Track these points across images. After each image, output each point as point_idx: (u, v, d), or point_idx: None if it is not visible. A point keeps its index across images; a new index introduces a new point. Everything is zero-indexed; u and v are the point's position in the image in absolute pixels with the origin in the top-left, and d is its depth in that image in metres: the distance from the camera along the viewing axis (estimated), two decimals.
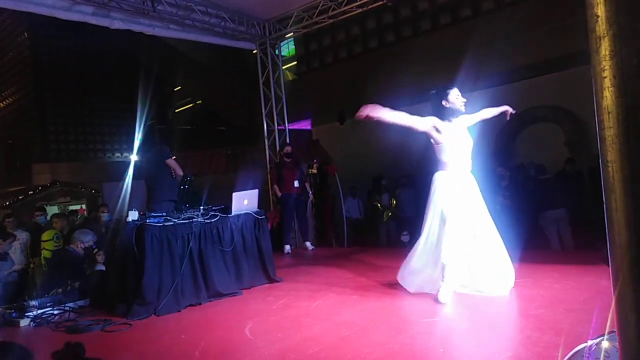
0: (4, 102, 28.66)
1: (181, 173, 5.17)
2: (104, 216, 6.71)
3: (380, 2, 6.96)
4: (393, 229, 8.47)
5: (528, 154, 8.82)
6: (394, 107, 3.66)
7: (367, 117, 3.52)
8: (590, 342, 1.37)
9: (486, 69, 10.03)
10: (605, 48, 0.84)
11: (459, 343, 2.78)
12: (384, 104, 3.71)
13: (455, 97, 3.67)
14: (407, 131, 3.73)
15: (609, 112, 0.85)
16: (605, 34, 0.82)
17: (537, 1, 9.28)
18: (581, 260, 4.43)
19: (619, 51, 0.84)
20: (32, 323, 4.04)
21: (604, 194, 0.90)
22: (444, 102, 3.67)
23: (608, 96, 0.85)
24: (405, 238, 7.23)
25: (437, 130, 3.65)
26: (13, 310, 4.17)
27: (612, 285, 0.88)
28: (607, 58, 0.84)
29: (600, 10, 0.82)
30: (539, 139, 9.21)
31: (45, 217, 7.30)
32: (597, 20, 0.83)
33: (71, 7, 6.07)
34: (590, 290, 3.43)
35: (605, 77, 0.85)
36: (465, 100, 3.67)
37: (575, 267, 4.24)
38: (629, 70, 0.83)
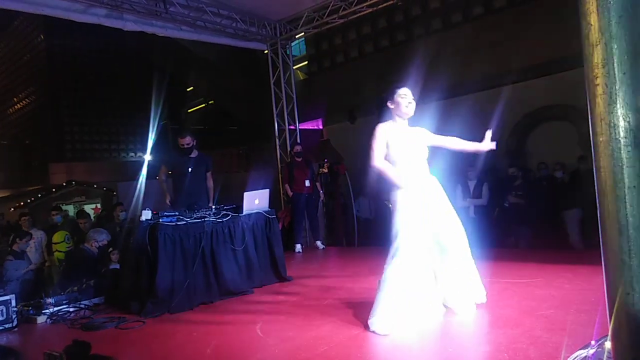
0: (21, 104, 29.15)
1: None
2: (121, 215, 6.80)
3: (391, 1, 6.95)
4: None
5: (540, 153, 8.73)
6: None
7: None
8: (593, 343, 1.37)
9: (498, 68, 9.94)
10: (597, 56, 0.84)
11: (467, 343, 2.78)
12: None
13: (401, 97, 3.28)
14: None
15: (601, 119, 0.85)
16: (598, 42, 0.83)
17: None
18: (594, 260, 4.38)
19: (610, 59, 0.84)
20: (48, 320, 4.15)
21: (597, 199, 0.91)
22: (389, 103, 3.32)
23: (600, 103, 0.85)
24: None
25: (388, 145, 3.28)
26: (30, 308, 4.28)
27: (605, 288, 0.88)
28: (600, 66, 0.85)
29: (593, 19, 0.82)
30: (551, 138, 9.10)
31: (62, 217, 7.44)
32: (590, 29, 0.83)
33: (86, 10, 6.18)
34: (602, 291, 3.38)
35: (598, 85, 0.85)
36: (411, 102, 3.28)
37: (587, 267, 4.20)
38: (620, 79, 0.83)
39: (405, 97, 3.28)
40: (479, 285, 3.32)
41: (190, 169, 5.16)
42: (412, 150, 3.30)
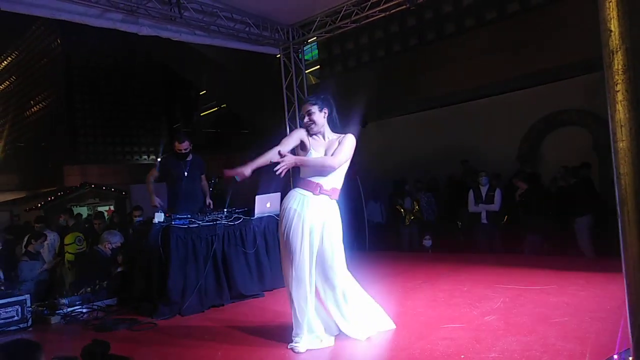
0: (38, 106, 29.64)
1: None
2: (137, 220, 6.82)
3: (404, 6, 6.93)
4: (415, 233, 8.42)
5: (554, 158, 8.65)
6: (414, 112, 3.37)
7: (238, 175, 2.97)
8: (615, 358, 1.33)
9: (512, 72, 9.88)
10: (618, 62, 0.83)
11: (480, 350, 2.75)
12: (404, 108, 3.40)
13: (302, 111, 3.15)
14: (427, 136, 3.42)
15: (621, 126, 0.84)
16: (618, 49, 0.82)
17: (564, 3, 9.10)
18: (607, 267, 4.31)
19: (632, 65, 0.83)
20: (62, 320, 4.20)
21: (617, 206, 0.89)
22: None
23: (621, 110, 0.84)
24: (427, 242, 7.20)
25: (302, 146, 3.14)
26: (45, 308, 4.34)
27: (626, 297, 0.87)
28: (620, 72, 0.84)
29: (614, 25, 0.81)
30: (565, 143, 9.02)
31: (65, 220, 7.55)
32: (610, 35, 0.82)
33: (102, 15, 6.26)
34: (617, 299, 3.34)
35: (618, 91, 0.84)
36: (307, 120, 3.10)
37: (601, 274, 4.15)
38: None
39: (304, 116, 3.14)
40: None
41: (186, 173, 5.09)
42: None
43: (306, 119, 3.13)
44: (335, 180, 3.12)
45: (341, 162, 3.08)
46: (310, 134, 3.16)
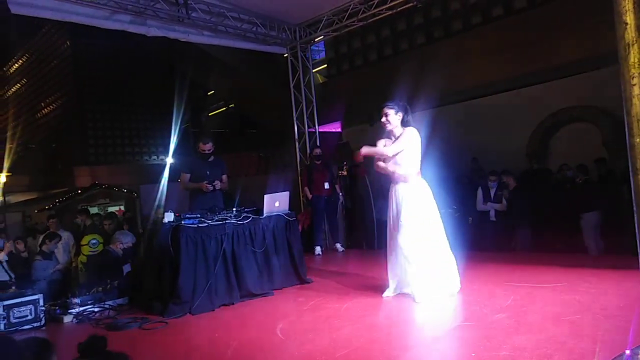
0: (48, 108, 29.93)
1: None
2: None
3: (411, 4, 6.91)
4: None
5: (563, 155, 8.56)
6: (422, 109, 3.78)
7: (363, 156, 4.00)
8: (627, 353, 1.32)
9: (520, 69, 9.80)
10: (634, 55, 0.82)
11: (490, 348, 2.74)
12: (413, 106, 3.98)
13: (382, 114, 3.93)
14: (436, 134, 3.90)
15: (638, 120, 0.82)
16: (635, 42, 0.80)
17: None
18: (620, 264, 4.26)
19: None
20: (74, 319, 4.24)
21: (634, 202, 0.87)
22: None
23: (637, 104, 0.82)
24: None
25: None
26: (57, 307, 4.39)
27: None
28: (637, 65, 0.82)
29: (630, 17, 0.80)
30: (574, 140, 8.92)
31: (81, 221, 7.59)
32: (626, 28, 0.80)
33: (110, 17, 6.32)
34: (630, 297, 3.31)
35: (635, 85, 0.83)
36: (384, 120, 3.90)
37: (613, 271, 4.10)
38: None
39: (382, 116, 3.92)
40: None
41: (208, 172, 5.29)
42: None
43: (384, 119, 3.91)
44: (406, 168, 3.87)
45: (394, 151, 3.85)
46: (386, 137, 3.95)
